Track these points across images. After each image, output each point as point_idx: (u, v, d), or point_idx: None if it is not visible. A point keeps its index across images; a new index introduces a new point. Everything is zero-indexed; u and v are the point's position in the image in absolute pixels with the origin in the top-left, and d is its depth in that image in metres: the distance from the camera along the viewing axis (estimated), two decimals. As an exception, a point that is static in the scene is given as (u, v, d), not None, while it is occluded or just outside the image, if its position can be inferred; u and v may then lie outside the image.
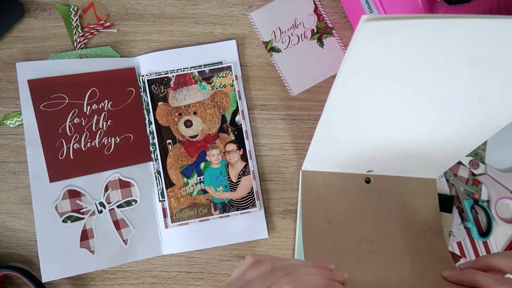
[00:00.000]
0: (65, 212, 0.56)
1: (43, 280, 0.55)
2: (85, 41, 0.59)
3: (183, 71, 0.58)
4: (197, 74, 0.58)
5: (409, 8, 0.46)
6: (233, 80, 0.58)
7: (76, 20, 0.59)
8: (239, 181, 0.58)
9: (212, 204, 0.58)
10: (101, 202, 0.57)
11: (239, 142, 0.58)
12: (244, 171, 0.58)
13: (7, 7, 0.58)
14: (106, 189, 0.57)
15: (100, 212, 0.57)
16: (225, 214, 0.58)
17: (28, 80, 0.56)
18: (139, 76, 0.58)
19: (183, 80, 0.58)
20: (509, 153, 0.59)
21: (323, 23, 0.60)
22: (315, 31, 0.60)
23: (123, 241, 0.57)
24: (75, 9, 0.59)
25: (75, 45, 0.59)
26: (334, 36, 0.61)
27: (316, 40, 0.60)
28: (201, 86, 0.58)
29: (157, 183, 0.58)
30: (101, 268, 0.57)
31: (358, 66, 0.35)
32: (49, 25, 0.60)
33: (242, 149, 0.58)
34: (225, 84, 0.58)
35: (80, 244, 0.56)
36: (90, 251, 0.56)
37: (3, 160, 0.59)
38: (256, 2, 0.60)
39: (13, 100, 0.59)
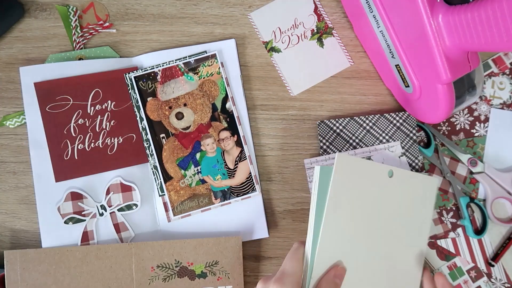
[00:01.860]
0: (67, 214, 0.56)
1: None
2: (84, 41, 0.59)
3: (169, 64, 0.58)
4: (183, 65, 0.58)
5: (408, 8, 0.46)
6: (219, 68, 0.58)
7: (75, 20, 0.59)
8: (236, 167, 0.58)
9: (212, 193, 0.58)
10: (102, 205, 0.57)
11: (232, 128, 0.58)
12: (240, 157, 0.58)
13: (7, 7, 0.58)
14: (108, 192, 0.57)
15: (101, 214, 0.57)
16: (226, 202, 0.58)
17: (34, 83, 0.56)
18: (125, 74, 0.58)
19: (170, 73, 0.58)
20: (508, 153, 0.59)
21: (323, 23, 0.60)
22: (315, 31, 0.60)
23: None
24: (74, 9, 0.59)
25: (74, 46, 0.59)
26: (334, 36, 0.61)
27: (316, 40, 0.60)
28: (188, 77, 0.58)
29: (155, 178, 0.58)
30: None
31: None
32: (49, 25, 0.60)
33: (236, 135, 0.58)
34: (212, 73, 0.58)
35: (81, 245, 0.56)
36: None
37: (3, 160, 0.59)
38: (256, 2, 0.60)
39: (13, 100, 0.59)
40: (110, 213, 0.57)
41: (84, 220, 0.57)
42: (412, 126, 0.59)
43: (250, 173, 0.58)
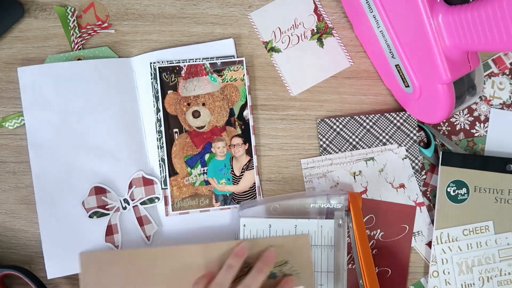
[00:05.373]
0: (92, 208, 0.57)
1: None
2: (82, 42, 0.59)
3: (195, 61, 0.58)
4: (208, 65, 0.58)
5: (408, 8, 0.46)
6: (244, 75, 0.58)
7: (73, 21, 0.59)
8: (242, 175, 0.58)
9: (213, 196, 0.58)
10: (125, 198, 0.58)
11: (245, 136, 0.59)
12: (248, 166, 0.58)
13: (7, 7, 0.58)
14: (130, 186, 0.58)
15: (125, 208, 0.58)
16: (225, 207, 0.58)
17: None
18: (151, 63, 0.58)
19: (194, 70, 0.58)
20: (506, 153, 0.59)
21: (323, 23, 0.60)
22: (315, 31, 0.60)
23: (146, 237, 0.58)
24: (72, 10, 0.59)
25: (72, 46, 0.59)
26: (334, 36, 0.61)
27: (316, 40, 0.60)
28: (212, 78, 0.59)
29: (160, 170, 0.58)
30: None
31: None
32: (48, 25, 0.60)
33: (247, 144, 0.59)
34: (235, 78, 0.59)
35: (106, 238, 0.57)
36: (115, 246, 0.57)
37: (3, 160, 0.59)
38: (256, 2, 0.60)
39: (13, 100, 0.59)
40: (133, 206, 0.58)
41: (108, 214, 0.57)
42: (413, 126, 0.59)
43: (254, 183, 0.58)
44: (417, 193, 0.59)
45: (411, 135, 0.59)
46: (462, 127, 0.60)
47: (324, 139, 0.59)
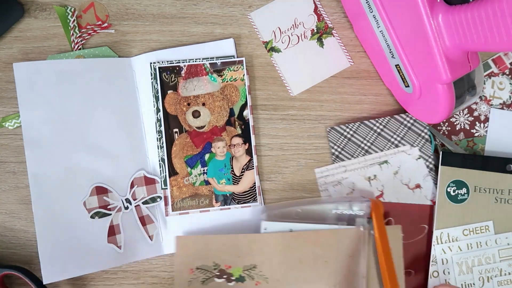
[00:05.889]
0: (93, 208, 0.57)
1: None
2: (82, 42, 0.59)
3: (195, 61, 0.58)
4: (208, 65, 0.59)
5: (408, 8, 0.46)
6: (244, 75, 0.58)
7: (73, 21, 0.59)
8: (242, 175, 0.58)
9: (213, 196, 0.58)
10: (127, 198, 0.58)
11: (245, 136, 0.59)
12: (248, 166, 0.58)
13: (7, 7, 0.58)
14: (132, 186, 0.58)
15: (126, 208, 0.58)
16: (226, 207, 0.58)
17: None
18: (151, 63, 0.58)
19: (194, 70, 0.58)
20: (506, 153, 0.60)
21: (323, 23, 0.60)
22: (315, 31, 0.60)
23: (149, 236, 0.58)
24: (72, 10, 0.59)
25: (72, 46, 0.59)
26: (334, 36, 0.61)
27: (316, 40, 0.60)
28: (212, 78, 0.59)
29: (160, 170, 0.58)
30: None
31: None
32: (48, 25, 0.60)
33: (247, 144, 0.59)
34: (235, 78, 0.59)
35: (108, 239, 0.57)
36: (117, 246, 0.57)
37: (3, 160, 0.59)
38: (256, 2, 0.60)
39: (12, 100, 0.59)
40: (135, 206, 0.58)
41: (110, 214, 0.57)
42: (423, 125, 0.58)
43: (255, 183, 0.58)
44: (433, 191, 0.59)
45: (423, 134, 0.58)
46: (462, 127, 0.60)
47: (335, 147, 0.59)
